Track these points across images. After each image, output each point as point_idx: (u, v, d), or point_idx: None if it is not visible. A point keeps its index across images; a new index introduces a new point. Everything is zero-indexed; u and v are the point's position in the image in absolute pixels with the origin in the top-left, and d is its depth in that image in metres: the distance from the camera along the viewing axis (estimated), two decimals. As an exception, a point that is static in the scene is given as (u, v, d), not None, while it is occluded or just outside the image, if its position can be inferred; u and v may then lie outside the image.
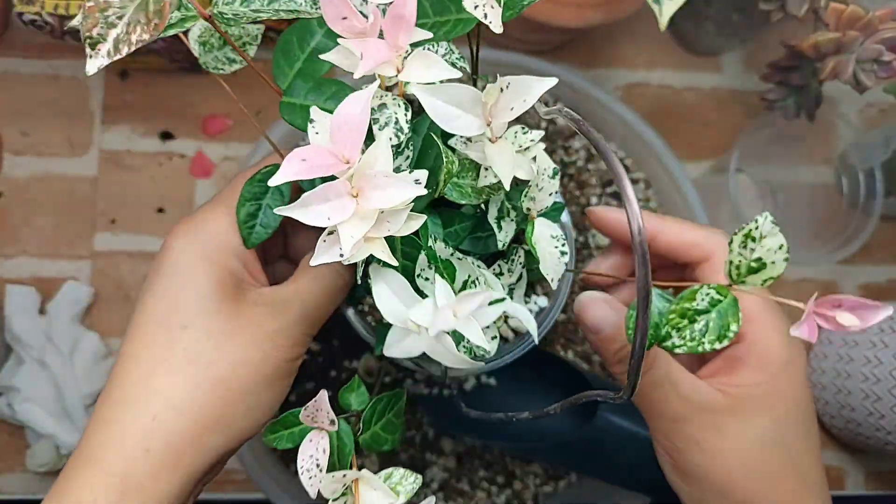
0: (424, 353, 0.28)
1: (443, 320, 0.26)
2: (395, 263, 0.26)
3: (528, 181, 0.31)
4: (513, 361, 0.38)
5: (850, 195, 0.60)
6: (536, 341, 0.34)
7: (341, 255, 0.24)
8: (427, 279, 0.29)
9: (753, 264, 0.27)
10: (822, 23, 0.48)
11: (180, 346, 0.30)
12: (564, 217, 0.39)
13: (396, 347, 0.29)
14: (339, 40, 0.25)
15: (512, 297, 0.36)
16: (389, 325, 0.35)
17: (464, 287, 0.30)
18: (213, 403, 0.30)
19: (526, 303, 0.39)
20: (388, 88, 0.27)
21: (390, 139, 0.26)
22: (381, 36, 0.25)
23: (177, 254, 0.33)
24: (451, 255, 0.31)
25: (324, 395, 0.29)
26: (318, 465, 0.29)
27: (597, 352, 0.35)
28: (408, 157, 0.30)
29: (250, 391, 0.31)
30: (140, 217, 0.59)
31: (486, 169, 0.30)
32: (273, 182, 0.22)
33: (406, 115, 0.27)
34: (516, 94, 0.26)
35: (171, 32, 0.25)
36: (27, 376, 0.54)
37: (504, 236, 0.32)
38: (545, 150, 0.45)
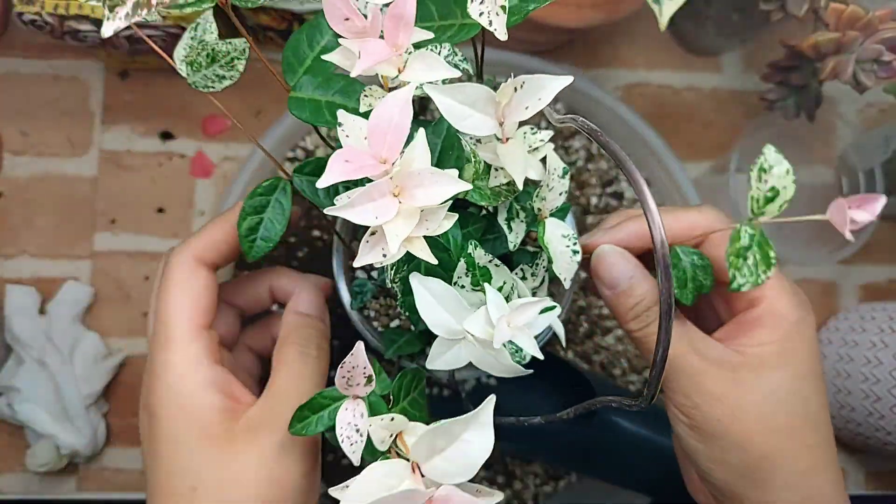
0: (428, 348, 0.28)
1: (502, 332, 0.26)
2: (435, 261, 0.26)
3: (538, 181, 0.31)
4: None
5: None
6: (564, 344, 0.34)
7: (384, 255, 0.24)
8: (463, 287, 0.30)
9: (769, 194, 0.31)
10: (822, 23, 0.48)
11: None
12: (568, 219, 0.39)
13: (441, 360, 0.28)
14: (339, 40, 0.25)
15: None
16: (398, 331, 0.35)
17: (499, 293, 0.31)
18: None
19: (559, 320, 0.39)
20: (392, 90, 0.27)
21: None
22: (382, 37, 0.25)
23: (156, 415, 0.33)
24: (490, 262, 0.31)
25: (360, 347, 0.28)
26: (357, 431, 0.28)
27: (610, 307, 0.35)
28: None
29: None
30: (140, 217, 0.59)
31: (497, 170, 0.30)
32: (321, 184, 0.23)
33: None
34: (531, 92, 0.26)
35: (190, 10, 0.26)
36: (27, 376, 0.54)
37: (515, 237, 0.32)
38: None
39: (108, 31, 0.23)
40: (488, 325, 0.27)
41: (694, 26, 0.62)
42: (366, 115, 0.25)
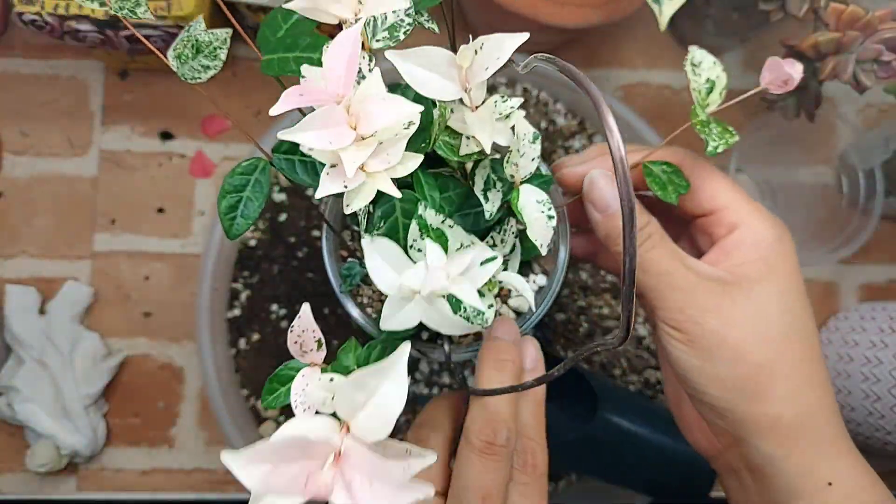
0: (425, 334, 0.28)
1: (434, 280, 0.26)
2: (399, 195, 0.26)
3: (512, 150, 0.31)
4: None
5: (849, 195, 0.60)
6: (535, 310, 0.34)
7: (345, 187, 0.25)
8: (419, 250, 0.30)
9: (707, 85, 0.34)
10: (822, 23, 0.48)
11: None
12: (554, 188, 0.40)
13: (393, 320, 0.29)
14: (284, 5, 0.26)
15: (507, 268, 0.36)
16: None
17: None
18: None
19: (525, 281, 0.39)
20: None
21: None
22: None
23: None
24: (443, 222, 0.31)
25: (306, 308, 0.28)
26: (306, 389, 0.29)
27: (602, 232, 0.35)
28: None
29: None
30: (140, 217, 0.59)
31: (468, 138, 0.30)
32: (273, 111, 0.23)
33: (370, 65, 0.27)
34: (490, 53, 0.26)
35: None
36: (27, 376, 0.54)
37: (491, 206, 0.32)
38: (545, 150, 0.46)
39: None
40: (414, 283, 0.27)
41: (694, 26, 0.62)
42: None
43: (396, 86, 0.31)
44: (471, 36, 0.27)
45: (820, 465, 0.32)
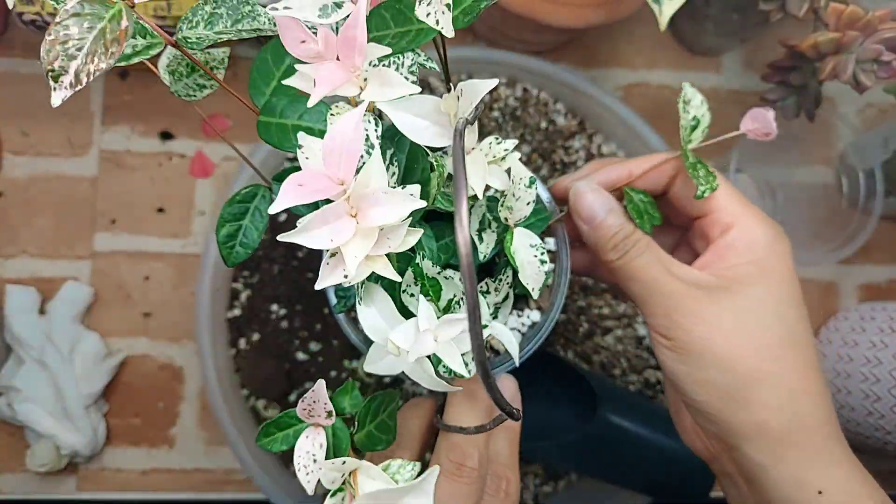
0: None
1: (423, 345, 0.26)
2: (399, 279, 0.26)
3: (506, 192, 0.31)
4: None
5: (849, 195, 0.60)
6: (517, 363, 0.34)
7: (345, 276, 0.24)
8: (412, 295, 0.30)
9: (693, 122, 0.36)
10: (822, 23, 0.48)
11: None
12: (559, 232, 0.40)
13: (377, 364, 0.29)
14: (296, 66, 0.25)
15: (497, 316, 0.36)
16: None
17: (448, 305, 0.30)
18: None
19: (518, 317, 0.39)
20: (358, 104, 0.27)
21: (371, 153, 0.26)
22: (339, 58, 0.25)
23: None
24: (439, 273, 0.31)
25: (321, 385, 0.29)
26: (314, 461, 0.29)
27: (590, 242, 0.36)
28: (394, 174, 0.30)
29: None
30: (140, 217, 0.59)
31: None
32: (273, 210, 0.23)
33: (376, 130, 0.27)
34: (467, 97, 0.26)
35: (137, 59, 0.26)
36: (27, 376, 0.54)
37: (485, 248, 0.32)
38: (545, 150, 0.46)
39: (56, 101, 0.23)
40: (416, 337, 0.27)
41: (693, 26, 0.62)
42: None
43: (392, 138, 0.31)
44: (452, 86, 0.26)
45: (811, 474, 0.32)
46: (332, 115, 0.27)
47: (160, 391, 0.58)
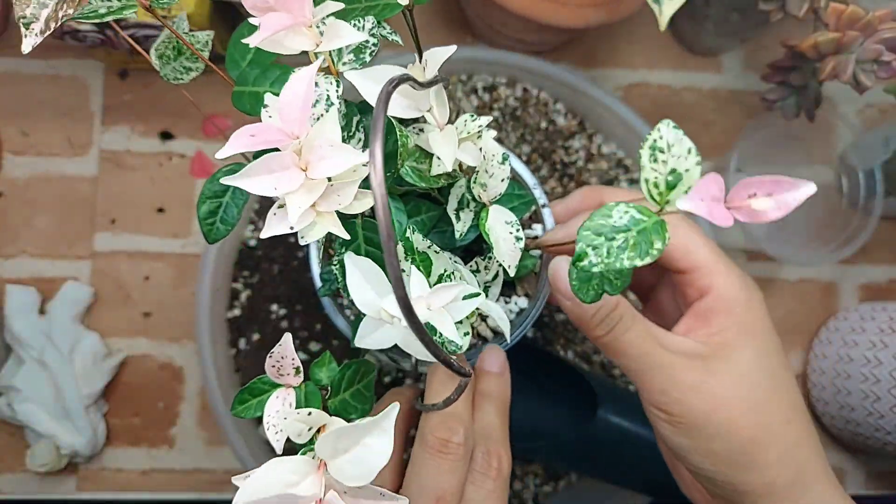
0: (397, 348, 0.28)
1: (418, 312, 0.26)
2: (347, 237, 0.26)
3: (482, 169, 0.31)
4: (512, 361, 0.38)
5: (849, 195, 0.60)
6: (509, 340, 0.34)
7: (291, 228, 0.25)
8: (403, 271, 0.29)
9: (670, 178, 0.25)
10: (822, 23, 0.48)
11: None
12: (546, 212, 0.40)
13: (369, 338, 0.29)
14: (250, 20, 0.26)
15: (487, 295, 0.36)
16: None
17: (439, 281, 0.30)
18: None
19: (506, 303, 0.39)
20: (324, 70, 0.28)
21: (326, 113, 0.26)
22: None
23: None
24: (429, 247, 0.31)
25: (288, 338, 0.28)
26: (285, 419, 0.29)
27: (573, 319, 0.35)
28: (359, 140, 0.30)
29: None
30: (140, 217, 0.59)
31: (439, 158, 0.30)
32: (220, 154, 0.23)
33: (337, 90, 0.27)
34: (432, 66, 0.26)
35: (110, 18, 0.27)
36: (27, 376, 0.54)
37: (462, 226, 0.32)
38: (545, 150, 0.46)
39: (27, 47, 0.24)
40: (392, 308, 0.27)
41: (693, 26, 0.62)
42: None
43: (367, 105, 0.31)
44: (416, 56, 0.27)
45: None
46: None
47: (160, 391, 0.58)
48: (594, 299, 0.30)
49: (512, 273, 0.32)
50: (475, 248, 0.37)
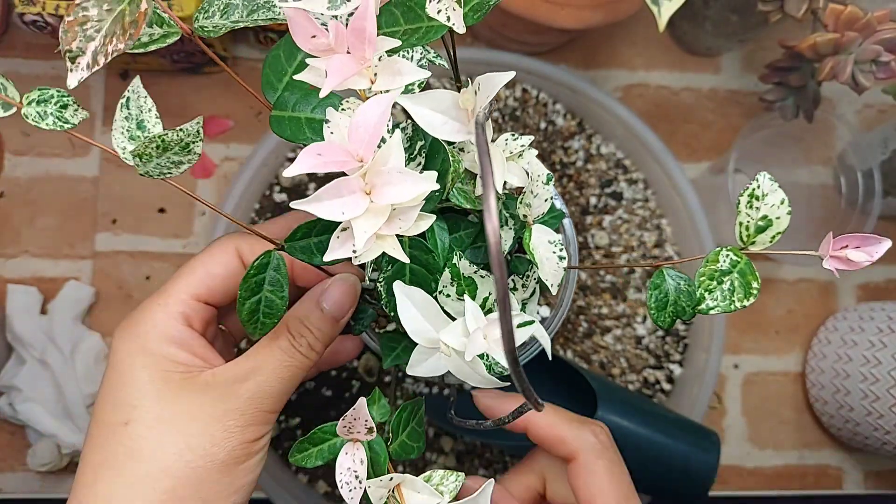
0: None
1: (476, 344, 0.26)
2: (406, 260, 0.26)
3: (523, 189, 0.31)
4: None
5: (848, 195, 0.60)
6: (549, 357, 0.34)
7: (354, 252, 0.25)
8: (448, 296, 0.30)
9: (760, 223, 0.29)
10: (821, 23, 0.48)
11: (122, 443, 0.30)
12: (567, 223, 0.40)
13: (421, 367, 0.29)
14: (307, 60, 0.25)
15: (525, 312, 0.36)
16: (396, 337, 0.35)
17: (483, 304, 0.31)
18: (160, 500, 0.29)
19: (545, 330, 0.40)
20: (367, 98, 0.27)
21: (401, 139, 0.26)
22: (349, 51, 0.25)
23: (117, 353, 0.32)
24: (475, 272, 0.31)
25: (363, 403, 0.29)
26: (356, 477, 0.29)
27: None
28: (419, 164, 0.30)
29: (202, 479, 0.30)
30: (141, 217, 0.59)
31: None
32: (288, 173, 0.23)
33: (405, 121, 0.28)
34: (485, 92, 0.26)
35: (154, 48, 0.26)
36: (28, 376, 0.54)
37: (503, 245, 0.32)
38: (544, 150, 0.46)
39: (72, 82, 0.23)
40: (465, 337, 0.28)
41: (692, 27, 0.62)
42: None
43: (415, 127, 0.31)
44: (468, 79, 0.27)
45: None
46: (342, 109, 0.27)
47: (161, 391, 0.58)
48: (670, 325, 0.31)
49: (554, 291, 0.32)
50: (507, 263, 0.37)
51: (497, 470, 0.57)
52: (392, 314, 0.30)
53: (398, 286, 0.28)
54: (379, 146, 0.24)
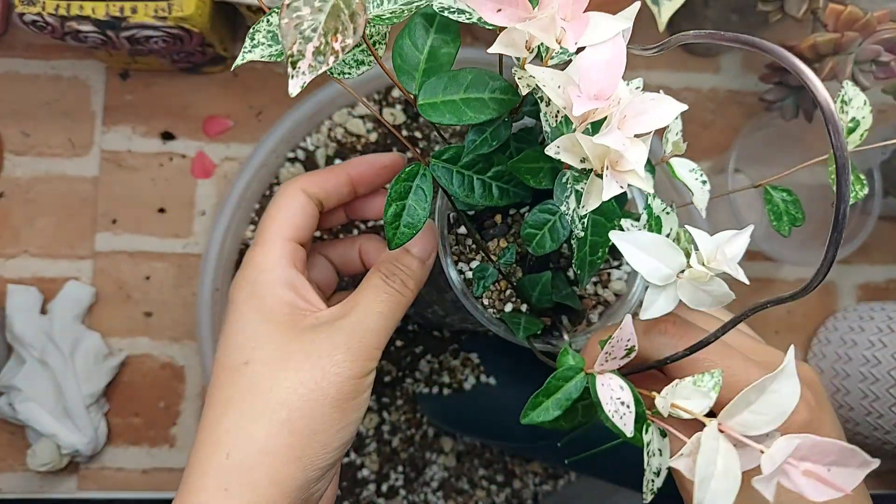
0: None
1: (721, 264, 0.28)
2: (651, 191, 0.29)
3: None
4: (512, 361, 0.39)
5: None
6: (631, 292, 0.37)
7: (621, 187, 0.26)
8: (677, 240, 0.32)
9: (850, 124, 0.35)
10: (821, 24, 0.48)
11: (243, 381, 0.33)
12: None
13: (654, 307, 0.30)
14: (502, 33, 0.26)
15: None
16: (514, 314, 0.37)
17: (671, 236, 0.33)
18: (278, 430, 0.32)
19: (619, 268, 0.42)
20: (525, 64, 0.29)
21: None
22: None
23: (233, 303, 0.36)
24: (663, 210, 0.33)
25: (629, 319, 0.28)
26: (623, 403, 0.28)
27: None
28: None
29: (314, 412, 0.32)
30: (141, 217, 0.59)
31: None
32: (575, 111, 0.24)
33: None
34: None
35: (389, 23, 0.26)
36: (28, 376, 0.54)
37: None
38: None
39: (294, 88, 0.21)
40: (698, 264, 0.29)
41: (692, 27, 0.62)
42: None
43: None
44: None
45: None
46: (519, 78, 0.28)
47: (161, 390, 0.58)
48: (788, 232, 0.36)
49: (703, 215, 0.37)
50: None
51: (497, 470, 0.57)
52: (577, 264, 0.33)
53: (618, 237, 0.29)
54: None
